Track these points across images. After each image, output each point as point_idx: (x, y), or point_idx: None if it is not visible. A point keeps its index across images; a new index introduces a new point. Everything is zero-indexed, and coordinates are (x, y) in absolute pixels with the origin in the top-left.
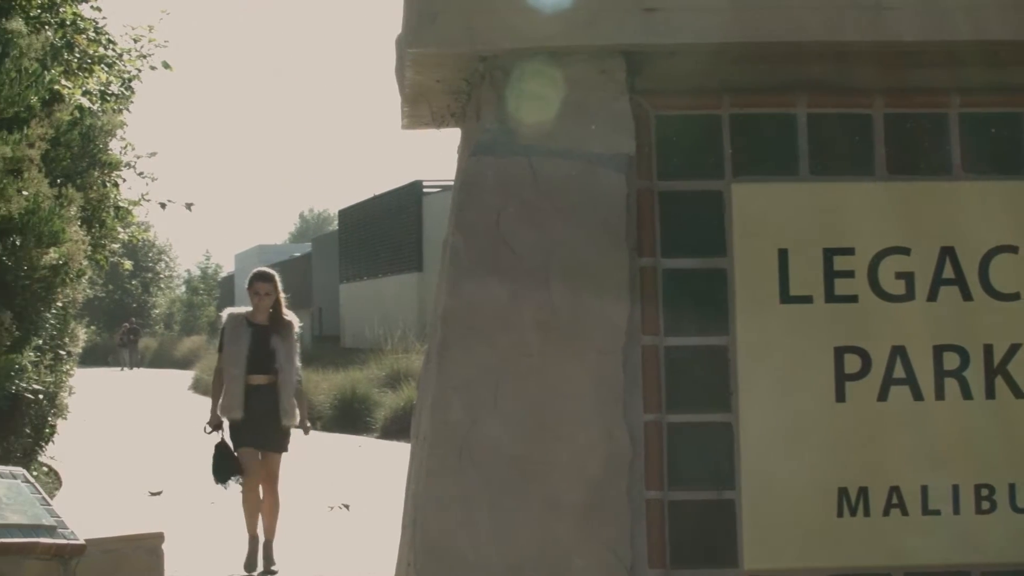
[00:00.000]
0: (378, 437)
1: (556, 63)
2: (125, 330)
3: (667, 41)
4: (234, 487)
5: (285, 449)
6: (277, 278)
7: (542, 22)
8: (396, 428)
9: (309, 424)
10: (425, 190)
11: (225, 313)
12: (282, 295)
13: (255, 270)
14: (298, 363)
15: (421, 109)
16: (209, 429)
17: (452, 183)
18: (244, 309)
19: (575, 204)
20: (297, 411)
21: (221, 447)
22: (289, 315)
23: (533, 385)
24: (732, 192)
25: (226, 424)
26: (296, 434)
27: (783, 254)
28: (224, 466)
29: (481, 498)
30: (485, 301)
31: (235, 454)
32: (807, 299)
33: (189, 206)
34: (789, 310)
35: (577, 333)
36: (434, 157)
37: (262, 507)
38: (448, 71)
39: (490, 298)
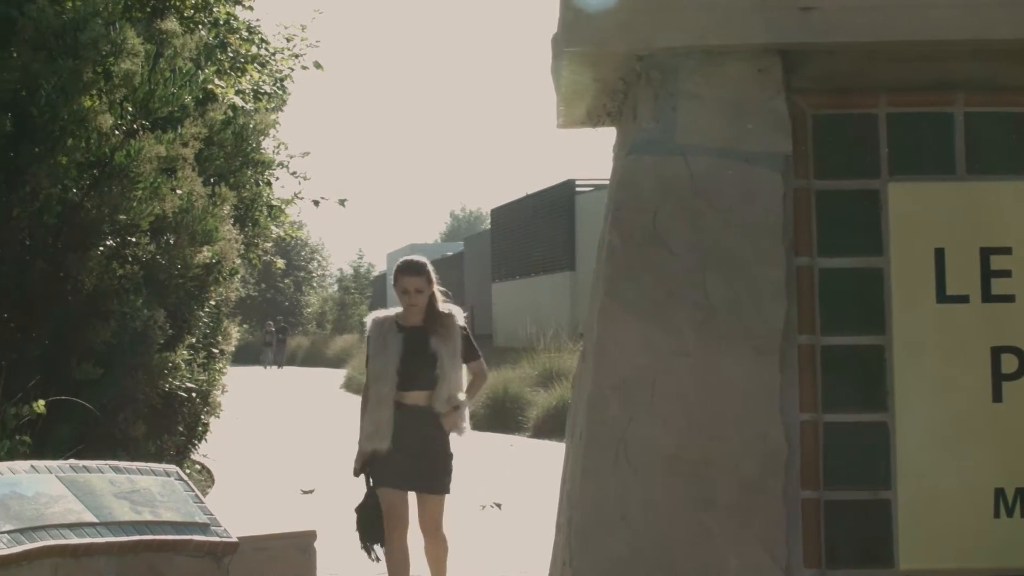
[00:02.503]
0: (530, 436)
1: (713, 62)
2: (270, 329)
3: (824, 40)
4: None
5: (447, 489)
6: (430, 268)
7: (698, 21)
8: (548, 427)
9: (465, 424)
10: (578, 189)
11: (369, 319)
12: (437, 288)
13: (400, 261)
14: (479, 357)
15: (577, 108)
16: (358, 470)
17: (604, 182)
18: (392, 311)
19: (732, 203)
20: (464, 414)
21: (368, 507)
22: (447, 307)
23: (689, 384)
24: (889, 191)
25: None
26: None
27: (939, 253)
28: (371, 528)
29: (637, 497)
30: (641, 300)
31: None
32: (963, 299)
33: (342, 202)
34: (945, 310)
35: (733, 332)
36: (586, 156)
37: (427, 555)
38: (604, 70)
39: (646, 297)
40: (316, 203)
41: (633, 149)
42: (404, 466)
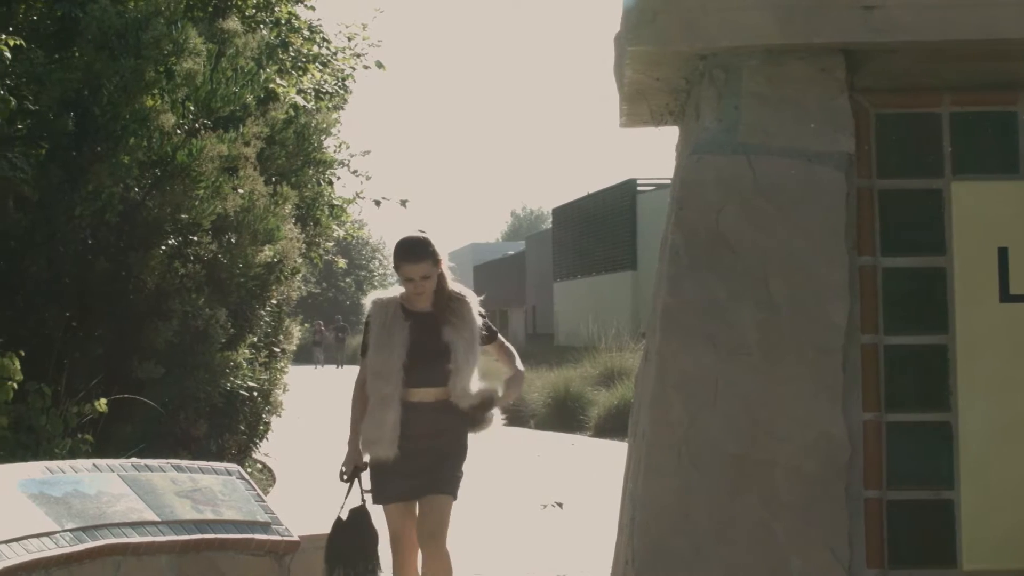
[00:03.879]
0: (591, 435)
1: (775, 61)
2: (320, 328)
3: (887, 39)
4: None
5: (454, 492)
6: (435, 247)
7: (761, 20)
8: (610, 426)
9: (492, 420)
10: (639, 188)
11: (369, 300)
12: (446, 267)
13: (399, 241)
14: (501, 341)
15: (640, 107)
16: (346, 474)
17: (666, 181)
18: (397, 291)
19: (794, 203)
20: (492, 409)
21: (355, 519)
22: (459, 289)
23: (752, 384)
24: (952, 190)
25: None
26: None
27: (1003, 253)
28: (353, 545)
29: (700, 496)
30: (704, 300)
31: (374, 531)
32: None
33: (404, 203)
34: (1009, 309)
35: (796, 332)
36: (648, 155)
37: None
38: (667, 69)
39: (709, 297)
40: (377, 203)
41: (696, 149)
42: (412, 471)
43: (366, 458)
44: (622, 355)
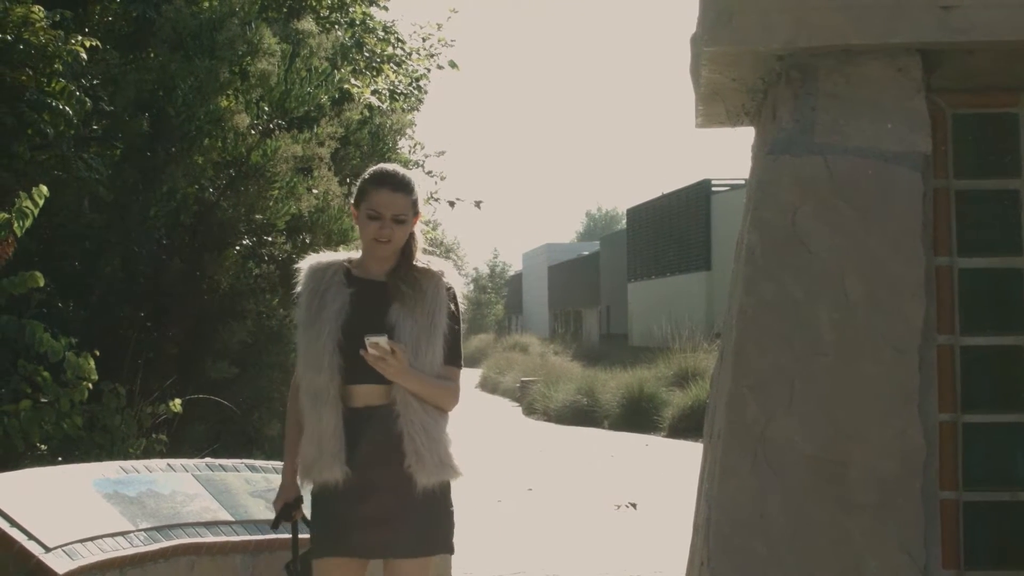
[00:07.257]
0: (665, 436)
1: (852, 61)
2: None
3: (964, 39)
4: None
5: (447, 547)
6: (419, 192)
7: (838, 20)
8: (684, 427)
9: (459, 472)
10: (714, 189)
11: (304, 265)
12: (420, 227)
13: (374, 170)
14: (457, 365)
15: (716, 108)
16: (276, 519)
17: (740, 181)
18: (342, 255)
19: (871, 203)
20: (451, 453)
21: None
22: (429, 261)
23: (828, 384)
24: None
25: (308, 497)
26: (534, 429)
27: None
28: None
29: (775, 497)
30: (780, 300)
31: None
32: None
33: (478, 204)
34: None
35: (872, 332)
36: (722, 155)
37: None
38: (744, 70)
39: (785, 297)
40: (452, 204)
41: (772, 149)
42: (365, 521)
43: (305, 490)
44: (696, 355)
